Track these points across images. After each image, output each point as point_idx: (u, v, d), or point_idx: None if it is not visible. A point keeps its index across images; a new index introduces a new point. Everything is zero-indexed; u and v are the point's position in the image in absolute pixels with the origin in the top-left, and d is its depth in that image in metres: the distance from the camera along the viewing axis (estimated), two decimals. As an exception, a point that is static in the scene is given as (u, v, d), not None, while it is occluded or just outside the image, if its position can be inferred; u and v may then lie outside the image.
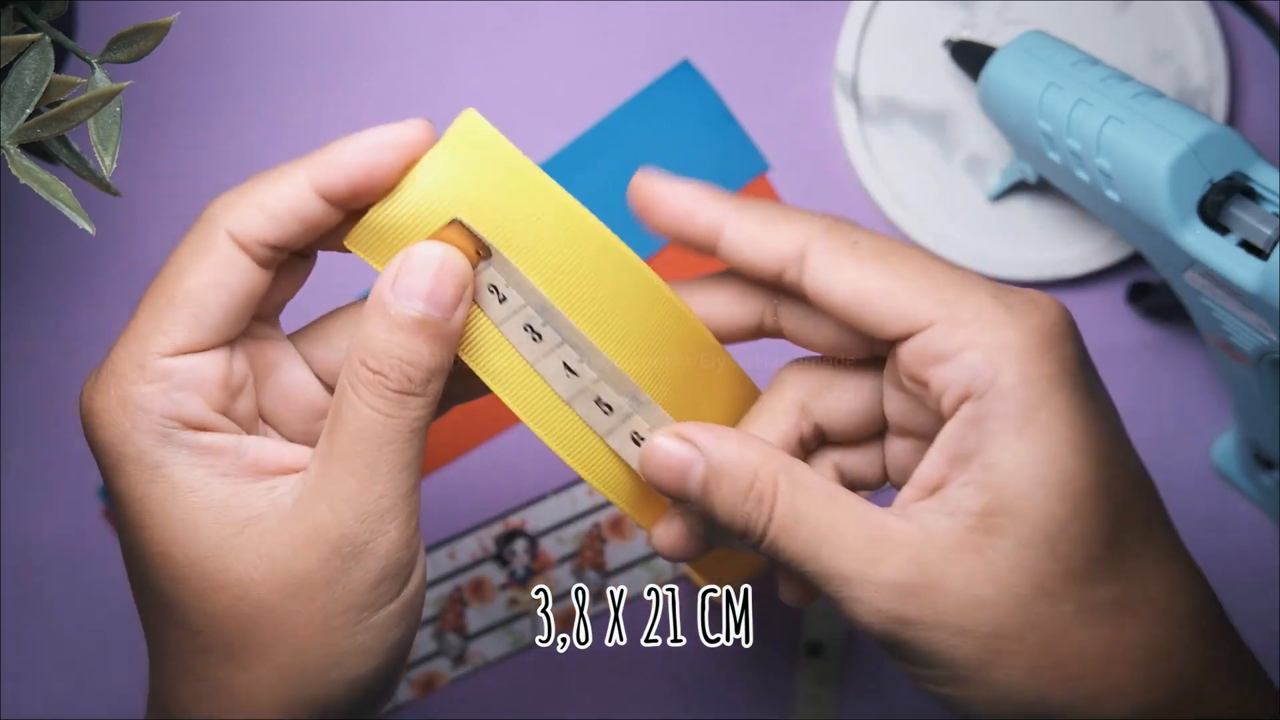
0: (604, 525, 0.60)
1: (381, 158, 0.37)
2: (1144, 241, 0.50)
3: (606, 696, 0.60)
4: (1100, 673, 0.36)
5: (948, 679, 0.36)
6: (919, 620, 0.35)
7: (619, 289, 0.39)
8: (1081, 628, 0.36)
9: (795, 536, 0.37)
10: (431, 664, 0.59)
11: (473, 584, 0.60)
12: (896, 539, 0.36)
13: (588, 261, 0.39)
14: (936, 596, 0.35)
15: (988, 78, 0.53)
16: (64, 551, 0.60)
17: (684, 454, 0.38)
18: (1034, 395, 0.35)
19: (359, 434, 0.36)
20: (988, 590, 0.35)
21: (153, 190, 0.59)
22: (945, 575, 0.35)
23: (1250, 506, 0.61)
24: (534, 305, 0.38)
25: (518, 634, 0.60)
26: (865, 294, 0.37)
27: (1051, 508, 0.35)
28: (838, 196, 0.60)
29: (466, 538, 0.60)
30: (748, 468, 0.37)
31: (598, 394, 0.39)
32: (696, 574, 0.45)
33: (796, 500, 0.37)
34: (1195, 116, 0.47)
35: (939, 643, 0.35)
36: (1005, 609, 0.35)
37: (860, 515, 0.36)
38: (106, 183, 0.42)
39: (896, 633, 0.36)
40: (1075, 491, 0.35)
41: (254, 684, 0.37)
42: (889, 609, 0.36)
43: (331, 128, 0.60)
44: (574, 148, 0.60)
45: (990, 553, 0.35)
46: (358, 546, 0.36)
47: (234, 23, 0.60)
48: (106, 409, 0.37)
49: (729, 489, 0.37)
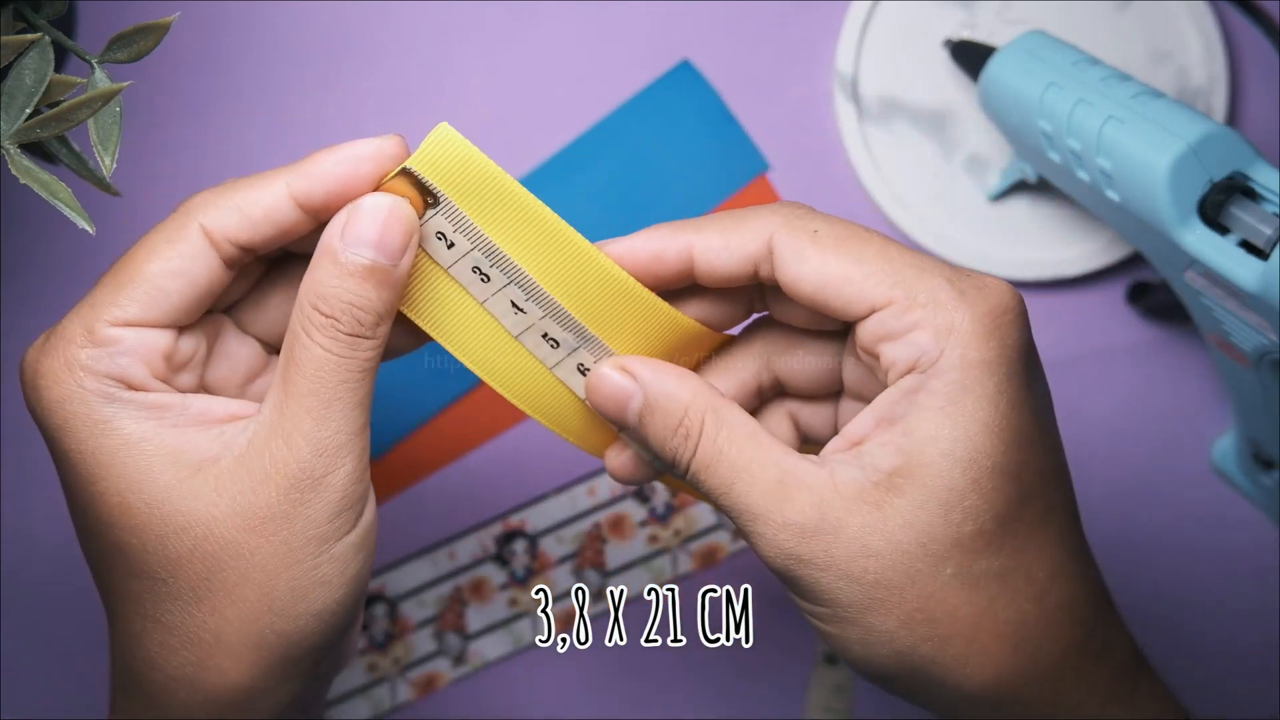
0: (604, 525, 0.60)
1: (358, 169, 0.39)
2: (1144, 241, 0.50)
3: (606, 696, 0.60)
4: (968, 636, 0.38)
5: (831, 617, 0.39)
6: (812, 560, 0.38)
7: (561, 253, 0.41)
8: (958, 591, 0.38)
9: (714, 472, 0.39)
10: (431, 664, 0.59)
11: (473, 584, 0.60)
12: (805, 483, 0.39)
13: (533, 226, 0.41)
14: (831, 541, 0.38)
15: (988, 78, 0.53)
16: (64, 551, 0.60)
17: (625, 385, 0.41)
18: (967, 378, 0.38)
19: (314, 374, 0.38)
20: (878, 541, 0.38)
21: (153, 190, 0.59)
22: (842, 523, 0.38)
23: (1250, 506, 0.61)
24: (481, 248, 0.40)
25: (518, 634, 0.60)
26: (828, 280, 0.39)
27: (954, 479, 0.38)
28: (838, 196, 0.60)
29: (467, 538, 0.60)
30: (679, 403, 0.40)
31: (544, 330, 0.42)
32: (667, 484, 0.47)
33: (719, 438, 0.40)
34: (1195, 116, 0.47)
35: (828, 584, 0.38)
36: (890, 561, 0.38)
37: (775, 458, 0.39)
38: (106, 183, 0.42)
39: (791, 569, 0.39)
40: (979, 469, 0.38)
41: (222, 627, 0.38)
42: (788, 547, 0.38)
43: (331, 128, 0.60)
44: (574, 148, 0.60)
45: (888, 508, 0.38)
46: (315, 479, 0.38)
47: (234, 23, 0.60)
48: (53, 369, 0.39)
49: (660, 422, 0.40)
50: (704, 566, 0.60)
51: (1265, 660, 0.61)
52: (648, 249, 0.41)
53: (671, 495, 0.59)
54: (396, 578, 0.59)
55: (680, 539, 0.60)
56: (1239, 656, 0.61)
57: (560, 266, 0.41)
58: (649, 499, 0.60)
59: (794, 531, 0.38)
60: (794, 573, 0.39)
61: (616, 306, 0.41)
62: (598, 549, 0.60)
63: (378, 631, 0.59)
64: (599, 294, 0.41)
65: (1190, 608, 0.61)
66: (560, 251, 0.41)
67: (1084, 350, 0.60)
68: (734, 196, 0.60)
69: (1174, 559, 0.61)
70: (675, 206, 0.60)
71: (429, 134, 0.39)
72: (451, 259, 0.41)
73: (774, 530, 0.38)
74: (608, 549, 0.60)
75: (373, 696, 0.59)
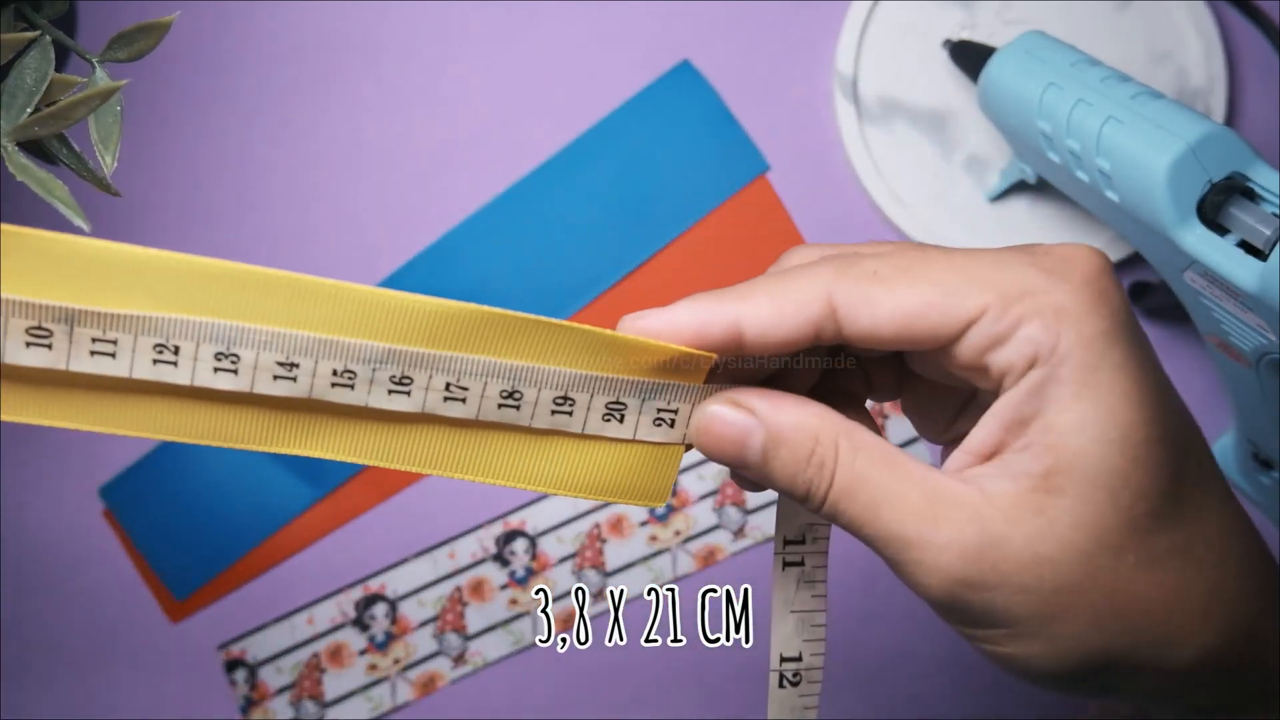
0: (604, 525, 0.60)
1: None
2: (1143, 242, 0.50)
3: (606, 696, 0.60)
4: (1163, 620, 0.36)
5: (1009, 637, 0.36)
6: (981, 581, 0.35)
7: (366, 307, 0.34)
8: (1144, 578, 0.36)
9: (855, 500, 0.36)
10: (431, 664, 0.59)
11: (473, 584, 0.60)
12: (956, 500, 0.36)
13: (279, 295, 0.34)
14: (998, 556, 0.35)
15: (987, 78, 0.54)
16: (64, 551, 0.60)
17: (742, 421, 0.38)
18: (1093, 355, 0.35)
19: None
20: (1049, 547, 0.35)
21: (153, 190, 0.60)
22: (1007, 536, 0.35)
23: (1249, 507, 0.61)
24: (216, 338, 0.33)
25: (518, 634, 0.60)
26: (909, 315, 0.36)
27: (1113, 462, 0.35)
28: (837, 197, 0.60)
29: (466, 537, 0.60)
30: (808, 431, 0.37)
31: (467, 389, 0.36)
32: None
33: (857, 463, 0.36)
34: (1195, 117, 0.47)
35: (1001, 602, 0.36)
36: (1068, 564, 0.35)
37: (919, 478, 0.36)
38: (107, 183, 0.42)
39: (958, 594, 0.36)
40: (1134, 444, 0.35)
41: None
42: (952, 571, 0.35)
43: (332, 128, 0.60)
44: (574, 148, 0.60)
45: (1052, 511, 0.35)
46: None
47: (234, 23, 0.60)
48: None
49: (789, 455, 0.37)
50: (704, 566, 0.60)
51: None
52: (691, 325, 0.37)
53: (671, 495, 0.59)
54: (396, 577, 0.60)
55: (680, 539, 0.60)
56: (1238, 657, 0.61)
57: (389, 322, 0.34)
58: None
59: (956, 553, 0.35)
60: (963, 599, 0.36)
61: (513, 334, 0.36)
62: (598, 549, 0.60)
63: (378, 631, 0.59)
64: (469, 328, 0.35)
65: (1189, 608, 0.61)
66: (361, 305, 0.34)
67: (1083, 350, 0.60)
68: (734, 197, 0.60)
69: (1173, 559, 0.61)
70: (675, 206, 0.60)
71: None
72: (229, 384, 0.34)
73: (934, 554, 0.35)
74: (607, 549, 0.60)
75: (373, 696, 0.59)
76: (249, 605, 0.60)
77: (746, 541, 0.60)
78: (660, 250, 0.60)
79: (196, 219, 0.60)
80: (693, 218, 0.60)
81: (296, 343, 0.34)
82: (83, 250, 0.32)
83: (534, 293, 0.60)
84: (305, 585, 0.60)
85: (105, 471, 0.60)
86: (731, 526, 0.60)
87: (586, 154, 0.60)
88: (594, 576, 0.60)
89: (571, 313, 0.60)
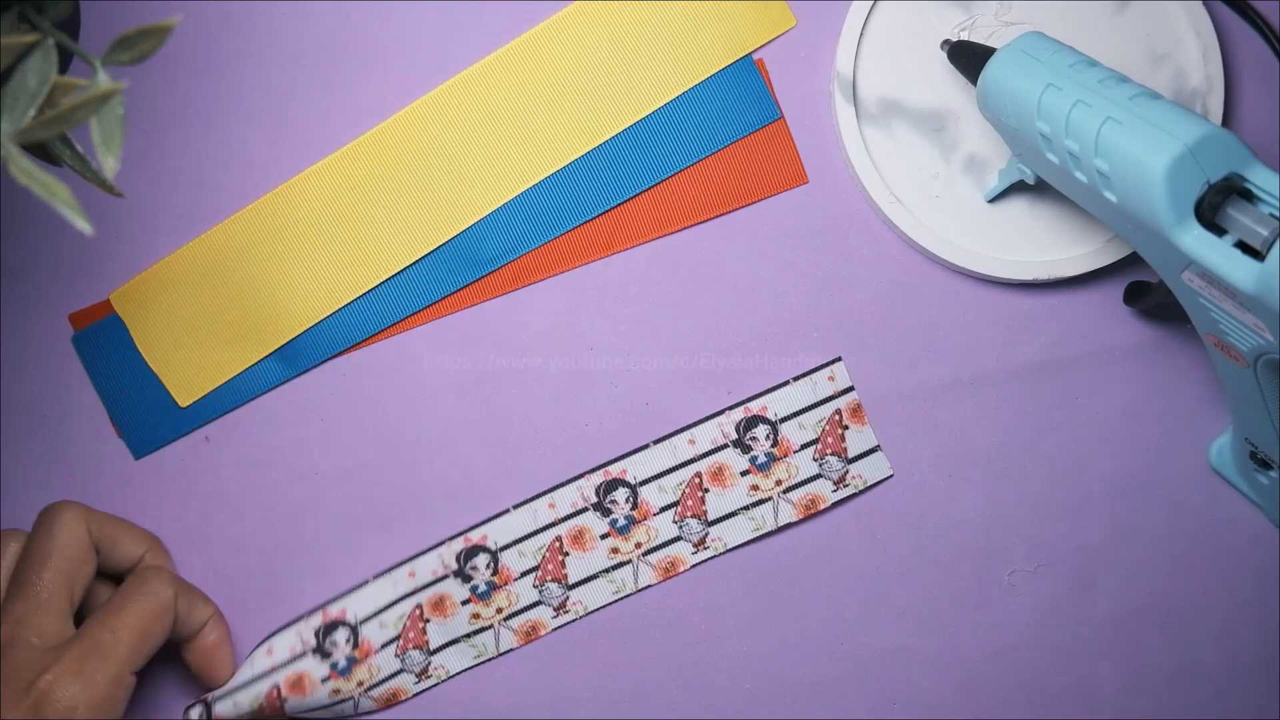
0: (705, 475, 0.60)
1: None
2: (1142, 242, 0.51)
3: (606, 696, 0.61)
4: None
5: None
6: None
7: None
8: None
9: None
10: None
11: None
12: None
13: None
14: None
15: (986, 79, 0.54)
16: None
17: None
18: None
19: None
20: None
21: (154, 191, 0.60)
22: None
23: (1247, 506, 0.61)
24: None
25: (619, 582, 0.60)
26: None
27: None
28: (837, 196, 0.60)
29: (567, 487, 0.60)
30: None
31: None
32: None
33: None
34: (1193, 118, 0.47)
35: None
36: None
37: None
38: (109, 184, 0.42)
39: None
40: None
41: None
42: None
43: (331, 128, 0.60)
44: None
45: None
46: None
47: (235, 25, 0.60)
48: None
49: None
50: (807, 515, 0.60)
51: (1266, 660, 0.61)
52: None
53: (772, 445, 0.59)
54: (498, 528, 0.60)
55: (782, 488, 0.60)
56: (1237, 655, 0.61)
57: None
58: (750, 449, 0.60)
59: None
60: None
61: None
62: (699, 498, 0.60)
63: (480, 582, 0.60)
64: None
65: (1188, 607, 0.61)
66: None
67: (1082, 350, 0.61)
68: (749, 136, 0.60)
69: (1172, 559, 0.61)
70: (688, 141, 0.60)
71: None
72: None
73: None
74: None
75: (477, 643, 0.60)
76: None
77: (848, 490, 0.60)
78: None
79: (198, 220, 0.60)
80: (704, 151, 0.60)
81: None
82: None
83: (561, 200, 0.60)
84: (400, 543, 0.60)
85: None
86: (834, 476, 0.60)
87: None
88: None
89: (584, 220, 0.60)
